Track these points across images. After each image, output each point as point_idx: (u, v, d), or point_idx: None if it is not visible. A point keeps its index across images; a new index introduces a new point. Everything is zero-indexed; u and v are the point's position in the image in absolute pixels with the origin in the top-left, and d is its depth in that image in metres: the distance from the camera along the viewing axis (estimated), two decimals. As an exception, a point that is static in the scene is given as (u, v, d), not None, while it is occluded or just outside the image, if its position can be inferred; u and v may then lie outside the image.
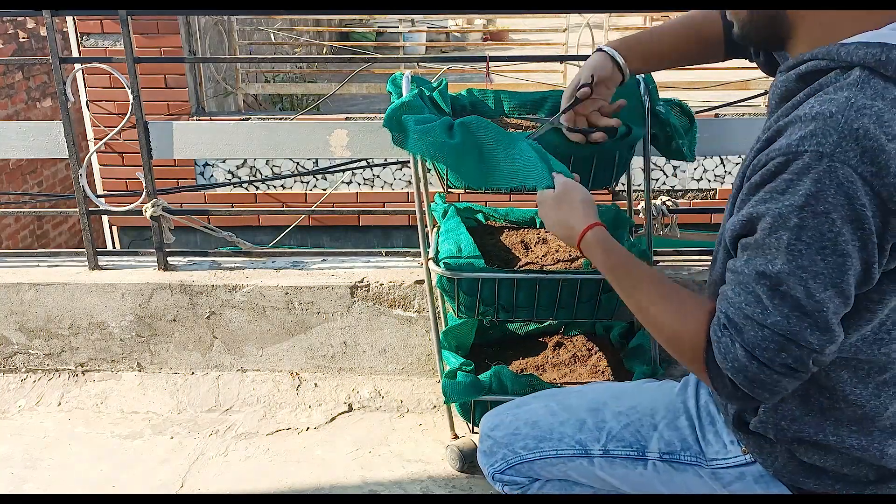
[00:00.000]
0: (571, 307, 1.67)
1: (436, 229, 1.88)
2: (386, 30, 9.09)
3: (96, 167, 5.60)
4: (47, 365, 2.26)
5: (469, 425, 1.83)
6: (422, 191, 1.81)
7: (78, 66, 2.34)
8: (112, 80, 4.72)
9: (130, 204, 2.26)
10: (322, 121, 4.34)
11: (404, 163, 1.70)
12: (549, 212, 1.30)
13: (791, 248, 0.91)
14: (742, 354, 0.95)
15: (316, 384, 2.20)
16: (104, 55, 5.36)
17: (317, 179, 5.65)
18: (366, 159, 4.38)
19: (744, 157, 1.05)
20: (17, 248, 6.86)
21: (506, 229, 1.94)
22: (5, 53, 6.71)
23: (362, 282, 2.14)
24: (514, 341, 2.01)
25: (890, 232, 0.90)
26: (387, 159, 4.05)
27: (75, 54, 5.34)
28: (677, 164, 5.45)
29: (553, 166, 1.38)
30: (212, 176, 5.65)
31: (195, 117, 5.49)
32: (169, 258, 2.26)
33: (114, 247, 5.95)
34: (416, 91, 1.63)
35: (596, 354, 1.91)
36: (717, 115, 4.13)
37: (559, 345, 1.97)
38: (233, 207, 5.14)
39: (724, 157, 5.41)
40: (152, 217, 2.19)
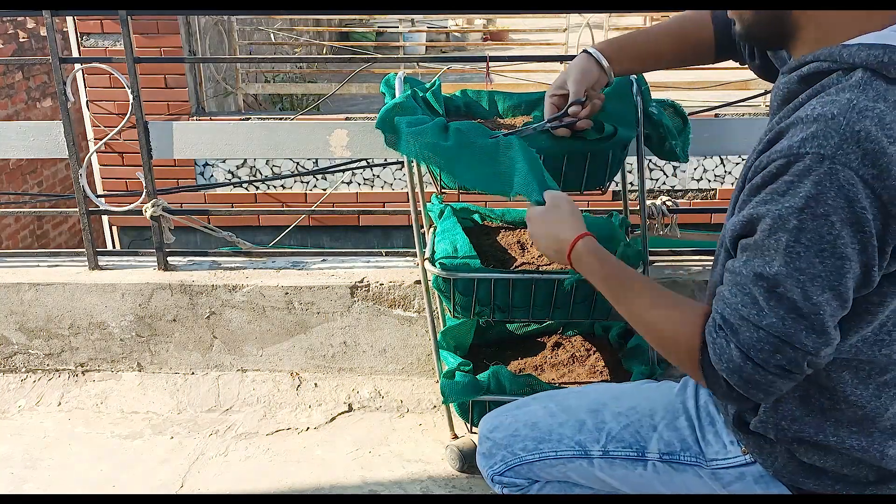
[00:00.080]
0: (567, 307, 1.67)
1: (432, 229, 1.89)
2: (386, 30, 9.09)
3: (96, 167, 5.60)
4: (47, 365, 2.26)
5: (468, 425, 1.84)
6: (417, 191, 1.81)
7: (78, 66, 2.34)
8: (112, 80, 4.72)
9: (130, 204, 2.26)
10: (322, 121, 4.34)
11: (404, 163, 1.70)
12: (538, 227, 1.28)
13: (789, 250, 0.91)
14: (737, 355, 0.95)
15: (316, 384, 2.20)
16: (104, 55, 5.36)
17: (317, 179, 5.65)
18: (366, 159, 4.38)
19: (745, 158, 1.05)
20: (17, 248, 6.86)
21: (502, 229, 1.94)
22: (5, 53, 6.71)
23: (362, 282, 2.14)
24: (513, 341, 2.01)
25: (890, 234, 0.90)
26: (387, 159, 4.04)
27: (75, 54, 5.34)
28: (677, 163, 5.45)
29: (547, 183, 1.35)
30: (212, 176, 5.65)
31: (195, 117, 5.49)
32: (169, 258, 2.26)
33: (114, 247, 5.95)
34: (409, 92, 1.63)
35: (594, 355, 1.91)
36: (716, 115, 4.13)
37: (558, 345, 1.97)
38: (233, 207, 5.15)
39: (724, 157, 5.41)
40: (152, 217, 2.20)
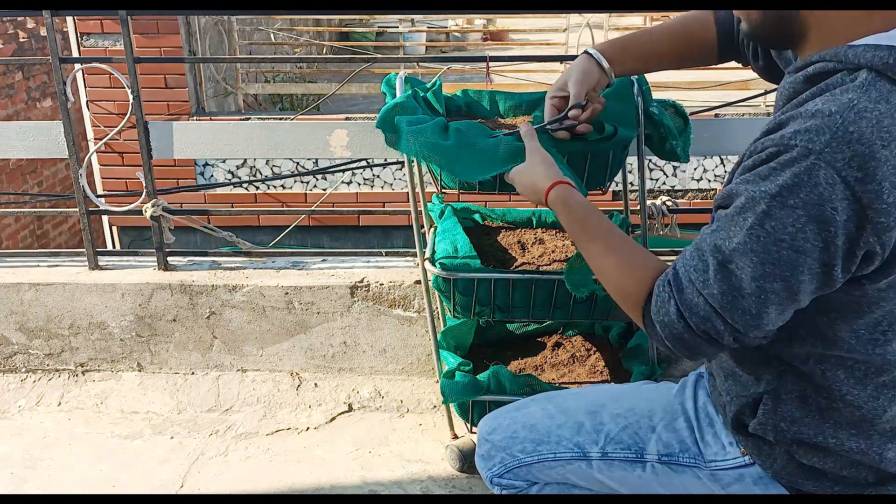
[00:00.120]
0: (567, 307, 1.67)
1: (432, 229, 1.89)
2: (386, 30, 9.09)
3: (96, 167, 5.60)
4: (47, 365, 2.26)
5: (467, 425, 1.84)
6: (417, 191, 1.81)
7: (78, 66, 2.34)
8: (112, 80, 4.72)
9: (130, 204, 2.26)
10: (322, 121, 4.34)
11: (404, 163, 1.70)
12: (519, 183, 1.35)
13: (751, 232, 0.93)
14: (674, 311, 1.01)
15: (316, 384, 2.20)
16: (104, 55, 5.36)
17: (317, 179, 5.65)
18: (366, 159, 4.38)
19: None
20: (17, 248, 6.86)
21: (503, 230, 1.94)
22: (5, 53, 6.71)
23: (362, 282, 2.14)
24: (513, 341, 2.01)
25: (864, 238, 0.90)
26: (387, 159, 4.05)
27: (75, 54, 5.34)
28: (677, 163, 5.45)
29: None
30: (212, 176, 5.65)
31: (195, 117, 5.49)
32: (169, 258, 2.26)
33: (114, 247, 5.96)
34: (410, 92, 1.63)
35: (594, 355, 1.91)
36: (716, 115, 4.13)
37: (558, 345, 1.97)
38: (233, 207, 5.15)
39: (724, 157, 5.41)
40: (152, 217, 2.20)
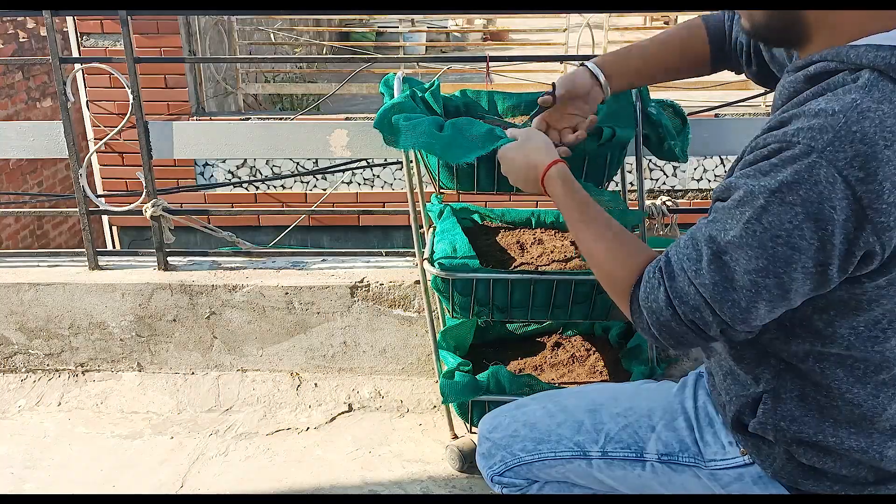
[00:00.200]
0: (566, 308, 1.68)
1: (432, 229, 1.89)
2: (386, 30, 9.08)
3: (96, 167, 5.60)
4: (47, 365, 2.26)
5: (467, 425, 1.84)
6: (416, 191, 1.81)
7: (78, 66, 2.34)
8: (112, 80, 4.72)
9: (130, 204, 2.26)
10: (322, 121, 4.34)
11: (403, 163, 1.71)
12: (512, 161, 1.33)
13: (748, 226, 0.93)
14: (663, 298, 1.01)
15: (316, 384, 2.20)
16: (104, 55, 5.36)
17: (317, 179, 5.65)
18: (366, 159, 4.38)
19: None
20: (17, 248, 6.86)
21: (502, 230, 1.94)
22: (5, 53, 6.71)
23: (362, 282, 2.14)
24: (513, 341, 2.02)
25: (864, 237, 0.90)
26: (387, 159, 4.05)
27: (75, 54, 5.34)
28: (677, 163, 5.45)
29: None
30: (212, 176, 5.65)
31: (195, 117, 5.49)
32: (169, 258, 2.27)
33: (114, 247, 5.95)
34: (409, 92, 1.63)
35: (594, 355, 1.91)
36: (717, 115, 4.13)
37: (557, 345, 1.97)
38: (233, 207, 5.14)
39: (724, 157, 5.41)
40: (152, 217, 2.20)
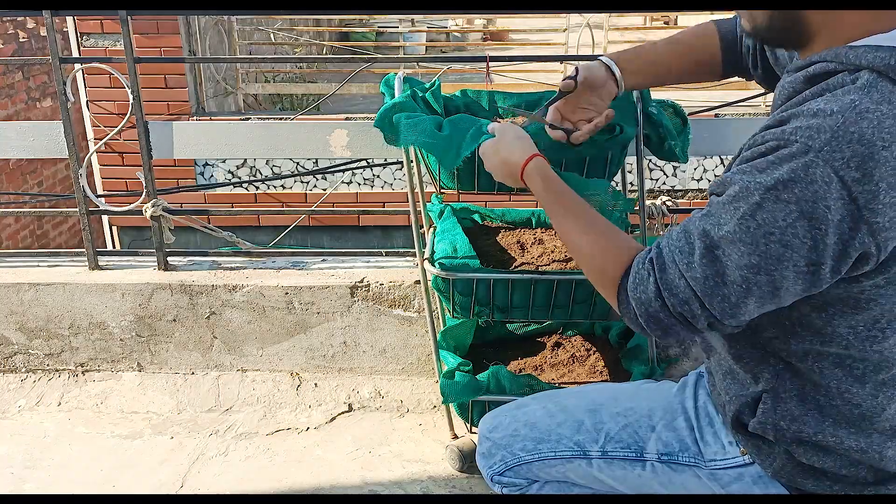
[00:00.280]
0: (567, 307, 1.68)
1: (432, 229, 1.89)
2: (386, 30, 9.08)
3: (96, 167, 5.60)
4: (47, 365, 2.26)
5: (467, 425, 1.84)
6: (417, 191, 1.81)
7: (78, 66, 2.34)
8: (112, 80, 4.72)
9: (130, 204, 2.26)
10: (322, 121, 4.34)
11: (404, 163, 1.71)
12: (491, 158, 1.35)
13: (742, 222, 0.93)
14: (652, 290, 1.01)
15: (316, 384, 2.20)
16: (104, 55, 5.36)
17: (317, 179, 5.65)
18: (366, 159, 4.38)
19: None
20: (17, 248, 6.86)
21: (502, 230, 1.94)
22: (5, 53, 6.71)
23: (362, 282, 2.14)
24: (513, 341, 2.01)
25: (859, 238, 0.90)
26: (387, 159, 4.04)
27: (75, 54, 5.34)
28: (677, 164, 5.45)
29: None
30: (212, 176, 5.65)
31: (195, 117, 5.49)
32: (169, 258, 2.27)
33: (114, 247, 5.95)
34: (409, 92, 1.63)
35: (594, 355, 1.91)
36: (717, 115, 4.13)
37: (557, 345, 1.97)
38: (233, 207, 5.14)
39: (724, 157, 5.41)
40: (152, 217, 2.20)
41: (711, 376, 1.21)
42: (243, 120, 4.98)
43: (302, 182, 5.64)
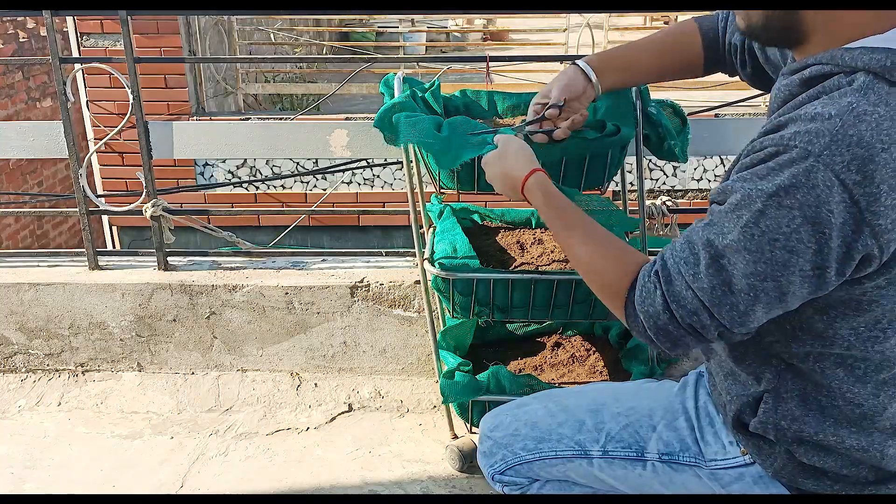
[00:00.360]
0: (567, 307, 1.68)
1: (432, 229, 1.89)
2: (386, 30, 9.08)
3: (96, 167, 5.60)
4: (47, 365, 2.26)
5: (467, 425, 1.84)
6: (416, 191, 1.81)
7: (78, 66, 2.34)
8: (112, 80, 4.72)
9: (130, 204, 2.26)
10: (322, 121, 4.34)
11: (404, 163, 1.71)
12: (492, 169, 1.34)
13: (746, 230, 0.93)
14: (660, 303, 1.01)
15: (316, 384, 2.20)
16: (104, 55, 5.36)
17: (317, 179, 5.65)
18: (366, 159, 4.37)
19: None
20: (17, 248, 6.86)
21: (502, 230, 1.94)
22: (5, 53, 6.71)
23: (362, 282, 2.14)
24: (513, 341, 2.01)
25: (862, 241, 0.90)
26: (387, 159, 4.04)
27: (75, 54, 5.34)
28: (677, 163, 5.45)
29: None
30: (212, 176, 5.65)
31: (195, 117, 5.49)
32: (169, 258, 2.27)
33: (114, 247, 5.96)
34: (409, 92, 1.63)
35: (594, 355, 1.91)
36: (717, 115, 4.13)
37: (557, 345, 1.97)
38: (233, 207, 5.14)
39: (724, 157, 5.41)
40: (152, 217, 2.20)
41: (712, 376, 1.21)
42: (243, 120, 4.98)
43: (302, 182, 5.64)
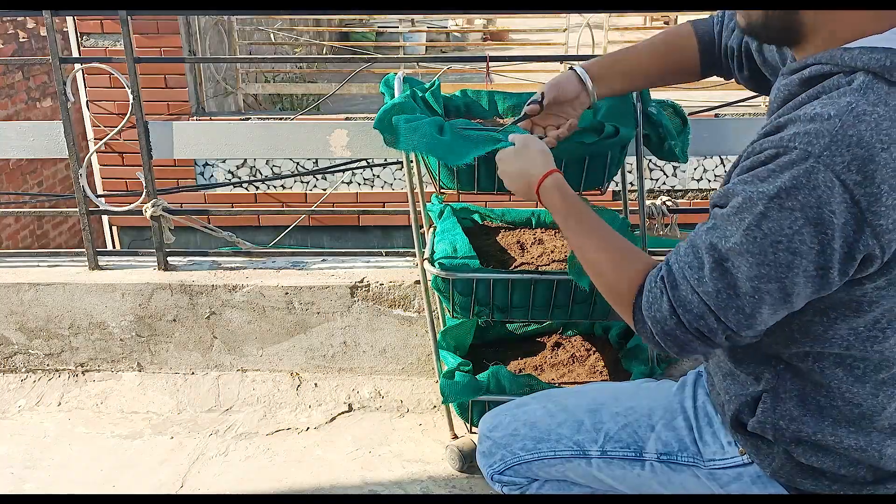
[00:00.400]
0: (567, 307, 1.68)
1: (432, 229, 1.89)
2: (386, 30, 9.08)
3: (96, 167, 5.60)
4: (47, 365, 2.27)
5: (467, 425, 1.84)
6: (416, 191, 1.81)
7: (78, 66, 2.34)
8: (112, 80, 4.72)
9: (130, 204, 2.26)
10: (322, 121, 4.34)
11: (404, 163, 1.72)
12: (509, 166, 1.34)
13: (748, 232, 0.93)
14: (667, 308, 1.01)
15: (316, 384, 2.20)
16: (104, 55, 5.36)
17: (317, 179, 5.65)
18: (366, 159, 4.38)
19: None
20: (17, 248, 6.86)
21: (502, 230, 1.94)
22: (5, 53, 6.71)
23: (362, 282, 2.14)
24: (513, 341, 2.02)
25: (863, 241, 0.90)
26: (387, 159, 4.04)
27: (75, 54, 5.34)
28: (677, 163, 5.45)
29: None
30: (212, 176, 5.65)
31: (195, 117, 5.49)
32: (169, 258, 2.27)
33: (114, 247, 5.96)
34: (409, 92, 1.63)
35: (594, 355, 1.91)
36: (716, 115, 4.13)
37: (557, 345, 1.97)
38: (233, 207, 5.14)
39: (724, 157, 5.41)
40: (152, 217, 2.20)
41: (710, 376, 1.21)
42: (243, 120, 4.98)
43: (302, 182, 5.64)
